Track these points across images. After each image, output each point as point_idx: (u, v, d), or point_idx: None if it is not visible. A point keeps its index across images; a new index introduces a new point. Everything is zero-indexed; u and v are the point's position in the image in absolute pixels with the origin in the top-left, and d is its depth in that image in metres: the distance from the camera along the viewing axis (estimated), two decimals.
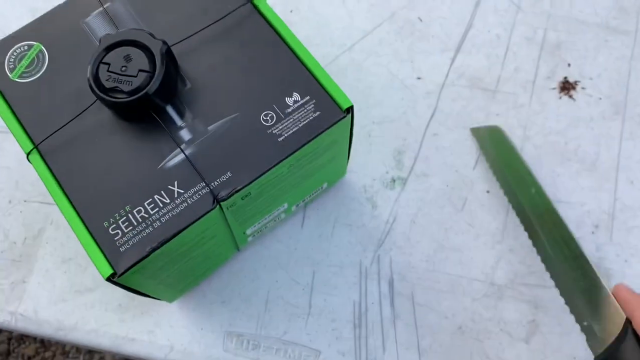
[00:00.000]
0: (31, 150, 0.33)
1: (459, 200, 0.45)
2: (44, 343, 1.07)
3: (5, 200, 0.47)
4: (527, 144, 0.46)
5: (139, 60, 0.32)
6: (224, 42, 0.35)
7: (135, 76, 0.32)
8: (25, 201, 0.46)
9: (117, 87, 0.32)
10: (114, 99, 0.31)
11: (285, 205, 0.41)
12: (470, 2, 0.50)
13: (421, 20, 0.50)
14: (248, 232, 0.40)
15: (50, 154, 0.33)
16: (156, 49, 0.32)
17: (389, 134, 0.47)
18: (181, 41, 0.35)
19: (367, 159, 0.46)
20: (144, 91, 0.31)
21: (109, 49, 0.32)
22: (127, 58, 0.32)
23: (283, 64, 0.35)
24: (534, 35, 0.49)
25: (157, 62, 0.32)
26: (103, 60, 0.32)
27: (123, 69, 0.32)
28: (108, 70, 0.32)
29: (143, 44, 0.32)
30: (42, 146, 0.33)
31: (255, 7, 0.36)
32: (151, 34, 0.33)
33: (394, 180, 0.45)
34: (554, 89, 0.48)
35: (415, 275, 0.43)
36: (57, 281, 0.44)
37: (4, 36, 0.36)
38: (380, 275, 0.43)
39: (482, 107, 0.47)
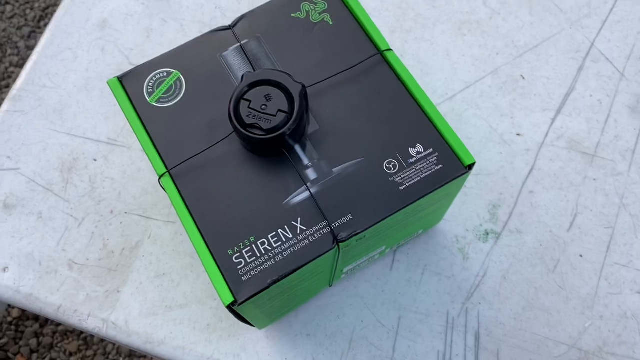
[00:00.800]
0: (164, 174, 0.35)
1: (551, 261, 0.45)
2: (86, 341, 1.09)
3: (107, 210, 0.49)
4: (622, 212, 0.46)
5: (279, 100, 0.33)
6: (352, 89, 0.37)
7: (275, 115, 0.33)
8: (126, 213, 0.48)
9: (256, 123, 0.33)
10: (252, 135, 0.33)
11: (383, 247, 0.42)
12: (574, 65, 0.51)
13: (524, 78, 0.51)
14: (345, 269, 0.41)
15: (182, 178, 0.35)
16: (295, 91, 0.34)
17: (485, 187, 0.47)
18: (313, 85, 0.36)
19: (462, 209, 0.47)
20: (281, 131, 0.33)
21: (252, 86, 0.34)
22: (268, 97, 0.34)
23: (408, 115, 0.36)
24: (637, 105, 0.49)
25: (295, 104, 0.33)
26: (244, 97, 0.34)
27: (263, 107, 0.33)
28: (249, 107, 0.33)
29: (283, 85, 0.34)
30: (174, 171, 0.35)
31: (385, 58, 0.37)
32: (290, 76, 0.34)
33: (487, 234, 0.46)
34: None
35: (502, 331, 0.43)
36: (150, 294, 0.46)
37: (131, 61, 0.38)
38: (467, 328, 0.43)
39: (579, 171, 0.47)
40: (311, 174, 0.34)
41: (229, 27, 0.39)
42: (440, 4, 0.54)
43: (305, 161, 0.35)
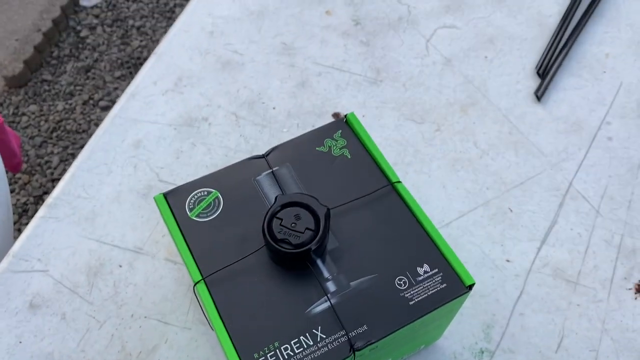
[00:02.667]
0: (199, 281, 0.39)
1: None
2: None
3: (129, 314, 0.52)
4: (605, 336, 0.50)
5: (307, 219, 0.39)
6: (367, 214, 0.42)
7: (303, 232, 0.38)
8: (145, 317, 0.52)
9: (286, 239, 0.38)
10: (282, 249, 0.38)
11: None
12: (556, 202, 0.58)
13: (512, 210, 0.57)
14: None
15: (215, 285, 0.39)
16: (321, 213, 0.39)
17: (479, 308, 0.52)
18: (333, 208, 0.42)
19: (459, 327, 0.51)
20: (308, 246, 0.38)
21: (284, 206, 0.39)
22: (297, 216, 0.39)
23: (415, 238, 0.41)
24: (611, 239, 0.56)
25: (320, 224, 0.39)
26: (277, 215, 0.39)
27: (293, 225, 0.39)
28: (281, 224, 0.39)
29: (311, 207, 0.39)
30: (208, 279, 0.39)
31: (395, 188, 0.43)
32: (317, 200, 0.40)
33: (482, 352, 0.49)
34: (630, 289, 0.53)
35: None
36: None
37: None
38: None
39: (564, 296, 0.52)
40: (331, 286, 0.39)
41: (263, 156, 0.45)
42: (436, 142, 0.62)
43: (326, 274, 0.39)
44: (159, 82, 0.67)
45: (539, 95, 0.65)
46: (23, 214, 1.48)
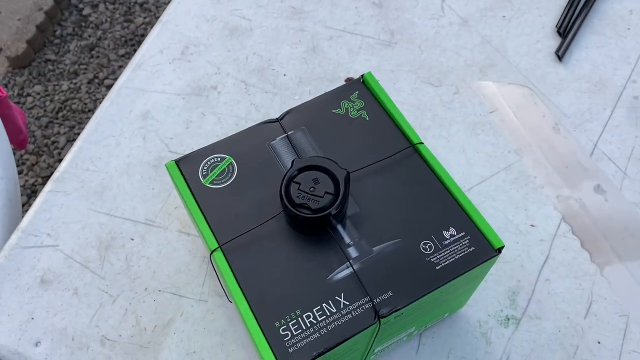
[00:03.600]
0: (215, 249, 0.38)
1: (570, 347, 0.47)
2: None
3: (142, 288, 0.50)
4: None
5: (326, 183, 0.37)
6: (388, 177, 0.40)
7: (322, 197, 0.37)
8: (159, 291, 0.50)
9: (305, 203, 0.36)
10: (301, 214, 0.36)
11: (413, 328, 0.44)
12: None
13: (535, 176, 0.55)
14: (376, 349, 0.43)
15: (232, 253, 0.37)
16: (341, 176, 0.37)
17: (503, 274, 0.50)
18: (353, 171, 0.40)
19: (483, 295, 0.49)
20: (328, 211, 0.36)
21: (301, 170, 0.37)
22: (316, 180, 0.37)
23: (440, 201, 0.39)
24: None
25: (340, 187, 0.37)
26: (295, 180, 0.37)
27: (311, 189, 0.37)
28: (299, 189, 0.37)
29: (330, 170, 0.37)
30: (225, 246, 0.38)
31: (417, 150, 0.41)
32: (336, 163, 0.38)
33: (508, 319, 0.48)
34: None
35: None
36: None
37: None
38: None
39: (591, 261, 0.50)
40: (353, 252, 0.37)
41: (277, 120, 0.43)
42: (454, 106, 0.60)
43: (347, 240, 0.38)
44: (165, 50, 0.65)
45: (560, 54, 0.62)
46: (32, 195, 1.47)
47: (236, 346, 0.47)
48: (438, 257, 0.37)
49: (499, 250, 0.37)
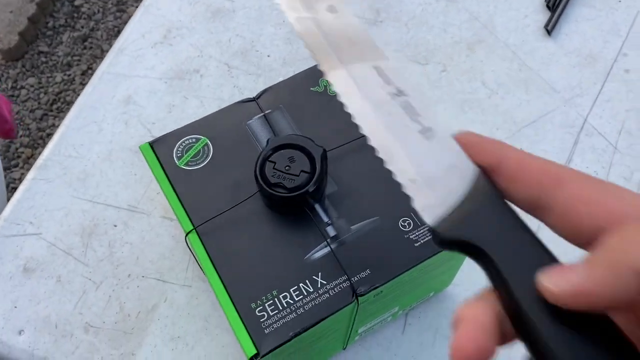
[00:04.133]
0: (190, 231, 0.37)
1: None
2: None
3: (125, 274, 0.50)
4: None
5: (302, 162, 0.36)
6: (367, 155, 0.39)
7: (298, 175, 0.36)
8: (143, 277, 0.50)
9: (280, 182, 0.36)
10: (276, 193, 0.35)
11: (396, 308, 0.43)
12: (570, 140, 0.54)
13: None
14: (360, 330, 0.42)
15: (208, 235, 0.37)
16: (317, 154, 0.36)
17: None
18: (331, 150, 0.39)
19: (470, 274, 0.48)
20: (304, 189, 0.35)
21: (276, 149, 0.37)
22: (292, 159, 0.36)
23: None
24: (630, 176, 0.52)
25: (316, 166, 0.36)
26: (270, 159, 0.36)
27: (287, 168, 0.36)
28: (274, 168, 0.36)
29: (306, 148, 0.36)
30: (200, 228, 0.37)
31: None
32: (312, 140, 0.37)
33: None
34: None
35: None
36: (164, 357, 0.46)
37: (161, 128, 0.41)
38: None
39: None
40: (331, 231, 0.36)
41: (254, 99, 0.42)
42: (442, 84, 0.59)
43: (325, 219, 0.37)
44: (147, 35, 0.64)
45: (549, 29, 0.61)
46: None
47: (220, 330, 0.47)
48: (417, 234, 0.36)
49: None
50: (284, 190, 0.36)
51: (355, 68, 0.27)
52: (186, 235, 0.37)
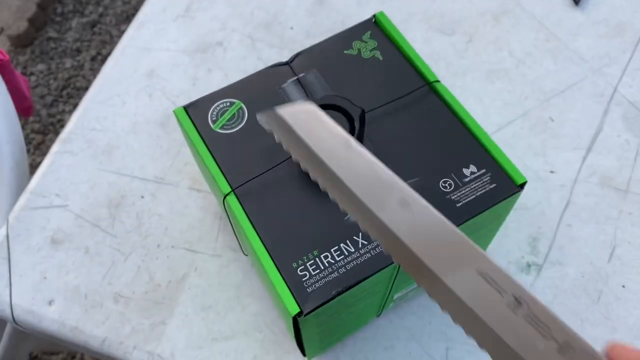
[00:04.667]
0: (229, 193, 0.36)
1: (594, 292, 0.45)
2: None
3: (154, 245, 0.49)
4: None
5: (341, 122, 0.36)
6: (404, 117, 0.39)
7: None
8: (172, 247, 0.49)
9: None
10: None
11: None
12: (600, 109, 0.54)
13: (553, 120, 0.53)
14: (395, 296, 0.42)
15: (246, 197, 0.36)
16: (355, 114, 0.36)
17: (524, 221, 0.48)
18: (368, 112, 0.39)
19: (504, 242, 0.48)
20: None
21: None
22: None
23: (459, 139, 0.38)
24: None
25: (355, 125, 0.35)
26: None
27: None
28: None
29: (344, 109, 0.36)
30: (238, 190, 0.36)
31: (433, 89, 0.40)
32: (350, 101, 0.36)
33: (529, 265, 0.47)
34: None
35: None
36: (195, 327, 0.46)
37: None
38: None
39: (614, 205, 0.49)
40: None
41: (287, 63, 0.42)
42: (469, 54, 0.58)
43: None
44: (169, 8, 0.63)
45: None
46: None
47: (252, 299, 0.47)
48: (458, 194, 0.36)
49: (522, 185, 0.36)
50: None
51: (458, 278, 0.23)
52: (224, 197, 0.37)
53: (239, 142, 0.38)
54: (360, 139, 0.35)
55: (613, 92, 0.55)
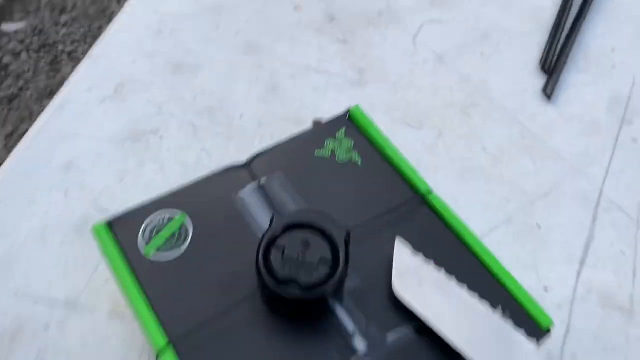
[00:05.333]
0: (165, 347, 0.26)
1: None
2: None
3: None
4: None
5: (319, 248, 0.27)
6: (391, 238, 0.31)
7: (316, 267, 0.26)
8: None
9: (293, 277, 0.26)
10: (289, 293, 0.26)
11: None
12: (588, 214, 0.48)
13: (540, 227, 0.47)
14: None
15: (189, 353, 0.26)
16: (340, 238, 0.27)
17: None
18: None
19: None
20: (326, 286, 0.26)
21: (285, 230, 0.27)
22: (306, 244, 0.27)
23: (463, 264, 0.30)
24: None
25: (340, 254, 0.27)
26: (276, 243, 0.27)
27: (300, 256, 0.27)
28: (283, 257, 0.27)
29: (325, 230, 0.28)
30: (178, 343, 0.26)
31: (427, 202, 0.32)
32: (332, 219, 0.28)
33: None
34: None
35: None
36: None
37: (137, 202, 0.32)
38: None
39: (620, 330, 0.42)
40: (359, 344, 0.27)
41: (244, 165, 0.33)
42: (439, 151, 0.52)
43: (350, 327, 0.27)
44: (95, 88, 0.54)
45: (549, 93, 0.56)
46: None
47: None
48: None
49: (549, 330, 0.28)
50: (297, 288, 0.26)
51: None
52: (158, 353, 0.26)
53: (181, 273, 0.29)
54: (346, 269, 0.27)
55: (599, 195, 0.50)
